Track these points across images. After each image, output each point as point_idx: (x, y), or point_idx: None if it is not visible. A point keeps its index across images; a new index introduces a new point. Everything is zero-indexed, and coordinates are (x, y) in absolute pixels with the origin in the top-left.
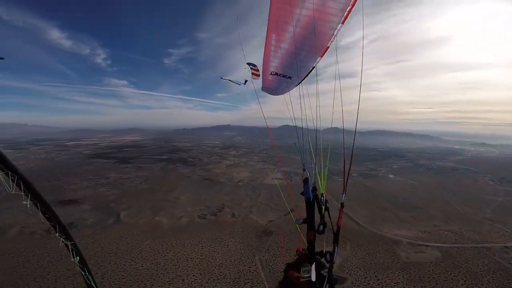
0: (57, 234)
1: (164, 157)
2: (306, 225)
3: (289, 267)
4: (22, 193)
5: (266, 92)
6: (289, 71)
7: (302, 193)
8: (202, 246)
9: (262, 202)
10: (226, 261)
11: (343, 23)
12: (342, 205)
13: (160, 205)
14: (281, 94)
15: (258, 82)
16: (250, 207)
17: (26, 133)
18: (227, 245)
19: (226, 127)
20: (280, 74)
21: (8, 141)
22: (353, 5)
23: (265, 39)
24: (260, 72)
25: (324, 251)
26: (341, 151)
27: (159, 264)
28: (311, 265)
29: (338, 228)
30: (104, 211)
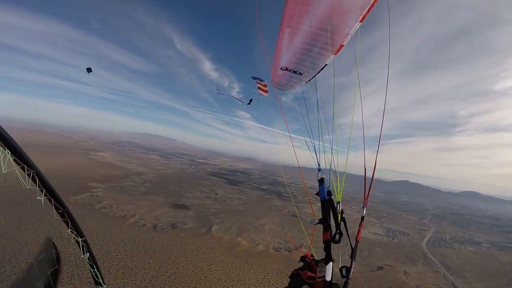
0: (69, 230)
1: (263, 187)
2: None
3: (297, 271)
4: (37, 188)
5: (275, 87)
6: (300, 67)
7: (317, 194)
8: (265, 277)
9: (347, 253)
10: None
11: (361, 21)
12: (362, 218)
13: (246, 228)
14: (290, 90)
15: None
16: (333, 256)
17: (174, 146)
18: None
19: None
20: (290, 69)
21: (160, 150)
22: (373, 5)
23: (279, 32)
24: (271, 66)
25: (340, 266)
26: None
27: (220, 279)
28: (326, 264)
29: (357, 242)
30: (202, 221)
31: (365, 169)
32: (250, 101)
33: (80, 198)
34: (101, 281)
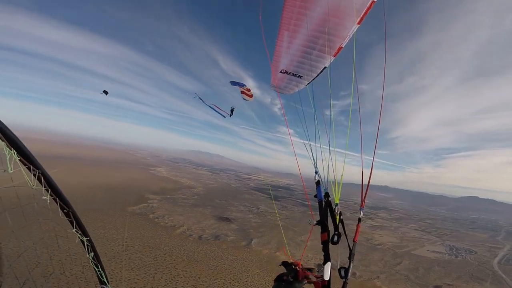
0: (74, 230)
1: (307, 203)
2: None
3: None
4: (43, 188)
5: (275, 90)
6: (300, 70)
7: (315, 196)
8: None
9: (399, 271)
10: None
11: (359, 23)
12: (359, 220)
13: (285, 244)
14: (290, 92)
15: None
16: (379, 272)
17: (221, 163)
18: None
19: (383, 188)
20: (290, 72)
21: (209, 166)
22: (370, 6)
23: (278, 36)
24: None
25: (339, 267)
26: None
27: None
28: (324, 264)
29: (354, 244)
30: (243, 234)
31: (362, 173)
32: (232, 111)
33: (138, 208)
34: (105, 280)
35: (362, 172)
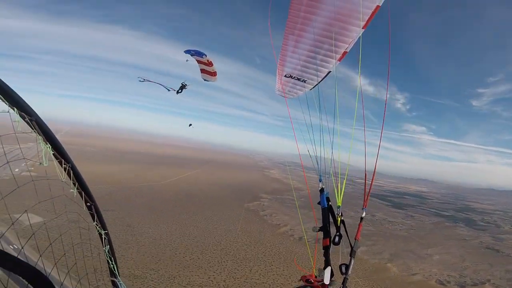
0: (95, 223)
1: (445, 213)
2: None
3: None
4: (71, 181)
5: (279, 94)
6: (304, 74)
7: (318, 203)
8: None
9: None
10: None
11: (364, 28)
12: (361, 219)
13: (402, 254)
14: (294, 97)
15: None
16: None
17: (348, 169)
18: None
19: None
20: (294, 76)
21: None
22: (375, 11)
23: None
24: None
25: (340, 264)
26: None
27: None
28: (325, 269)
29: (356, 241)
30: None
31: (365, 173)
32: (182, 87)
33: (252, 205)
34: (117, 274)
35: (365, 173)
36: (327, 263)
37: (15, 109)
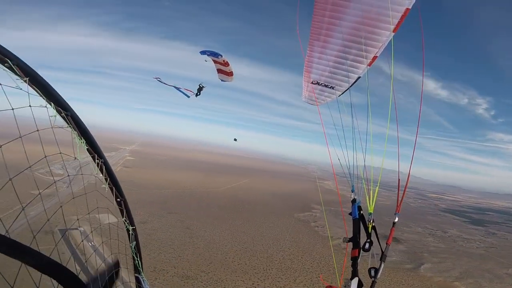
0: (123, 219)
1: None
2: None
3: None
4: (103, 177)
5: (307, 102)
6: (332, 80)
7: (350, 213)
8: None
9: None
10: None
11: (394, 31)
12: (393, 224)
13: (475, 273)
14: (322, 104)
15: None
16: None
17: (418, 183)
18: None
19: None
20: (322, 83)
21: (383, 183)
22: (405, 13)
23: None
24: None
25: (369, 267)
26: None
27: None
28: (352, 279)
29: (387, 246)
30: (412, 257)
31: (398, 179)
32: (199, 90)
33: (302, 215)
34: (141, 270)
35: (399, 180)
36: (354, 274)
37: (52, 104)
